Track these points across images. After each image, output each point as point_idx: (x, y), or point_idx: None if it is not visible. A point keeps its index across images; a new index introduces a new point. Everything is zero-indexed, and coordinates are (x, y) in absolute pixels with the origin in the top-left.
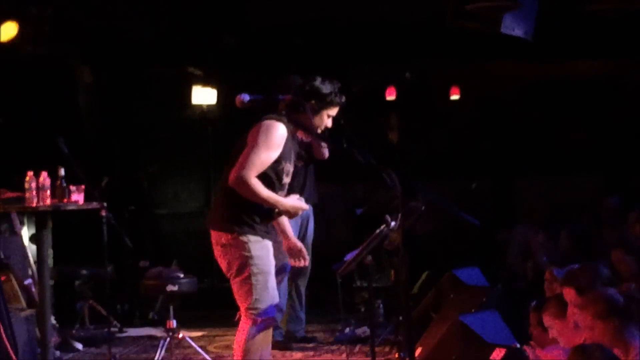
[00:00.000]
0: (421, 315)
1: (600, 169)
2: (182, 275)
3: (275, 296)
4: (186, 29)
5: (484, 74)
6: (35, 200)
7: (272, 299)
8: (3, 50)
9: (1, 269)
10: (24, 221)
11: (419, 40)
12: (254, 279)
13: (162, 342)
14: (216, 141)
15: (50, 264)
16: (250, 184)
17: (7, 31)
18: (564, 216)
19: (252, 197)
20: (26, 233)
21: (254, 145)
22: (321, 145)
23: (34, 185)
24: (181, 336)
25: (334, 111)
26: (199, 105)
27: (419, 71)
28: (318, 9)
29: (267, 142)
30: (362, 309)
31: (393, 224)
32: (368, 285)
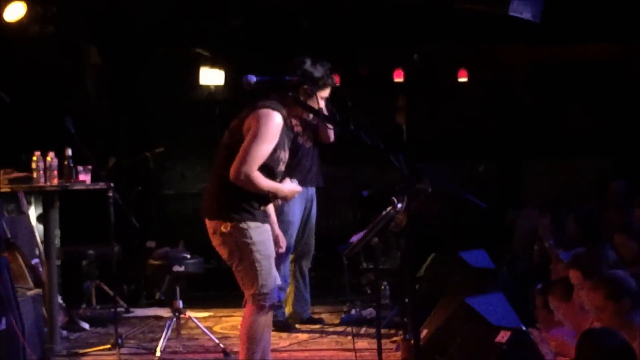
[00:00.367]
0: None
1: (607, 152)
2: (188, 255)
3: (277, 277)
4: (194, 10)
5: (491, 56)
6: (42, 180)
7: (275, 282)
8: (11, 30)
9: (8, 249)
10: (31, 201)
11: (426, 23)
12: (258, 265)
13: (168, 323)
14: (223, 122)
15: (57, 244)
16: (253, 178)
17: (15, 11)
18: (571, 199)
19: (255, 190)
20: (33, 213)
21: (253, 138)
22: (328, 128)
23: (41, 165)
24: (187, 316)
25: (327, 92)
26: (207, 86)
27: (426, 54)
28: None
29: (265, 134)
30: (368, 291)
31: (399, 206)
32: (374, 267)
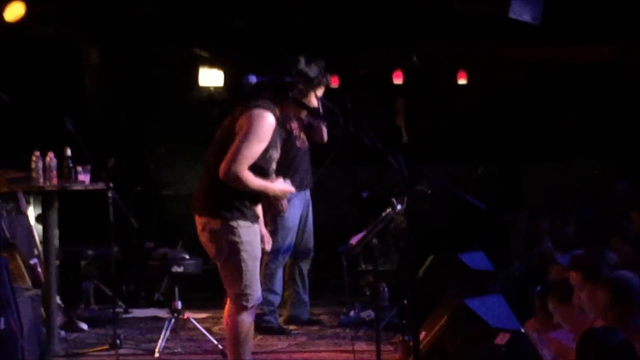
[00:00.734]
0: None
1: (606, 154)
2: (187, 256)
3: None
4: (194, 10)
5: (491, 58)
6: (41, 180)
7: (258, 283)
8: (10, 30)
9: (7, 249)
10: (30, 201)
11: (426, 24)
12: (244, 264)
13: (167, 323)
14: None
15: (56, 244)
16: (242, 177)
17: (14, 11)
18: (570, 201)
19: (245, 189)
20: (32, 213)
21: (244, 137)
22: (321, 129)
23: (40, 165)
24: (186, 317)
25: (322, 91)
26: (206, 87)
27: (426, 55)
28: None
29: (257, 134)
30: (367, 293)
31: (399, 207)
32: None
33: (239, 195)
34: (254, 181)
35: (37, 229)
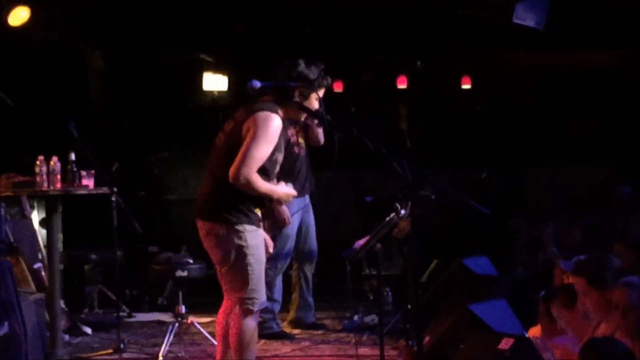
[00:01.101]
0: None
1: (610, 160)
2: (191, 260)
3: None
4: (198, 15)
5: (495, 63)
6: (45, 185)
7: (264, 287)
8: (14, 35)
9: (11, 253)
10: (34, 205)
11: (430, 29)
12: (250, 268)
13: (170, 328)
14: None
15: (60, 248)
16: (252, 179)
17: (18, 16)
18: (575, 207)
19: (253, 192)
20: (36, 217)
21: (253, 140)
22: (317, 132)
23: (44, 169)
24: (190, 322)
25: (321, 93)
26: (210, 92)
27: (430, 60)
28: None
29: (266, 137)
30: (370, 297)
31: (403, 212)
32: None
33: (244, 199)
34: (262, 184)
35: (41, 233)
